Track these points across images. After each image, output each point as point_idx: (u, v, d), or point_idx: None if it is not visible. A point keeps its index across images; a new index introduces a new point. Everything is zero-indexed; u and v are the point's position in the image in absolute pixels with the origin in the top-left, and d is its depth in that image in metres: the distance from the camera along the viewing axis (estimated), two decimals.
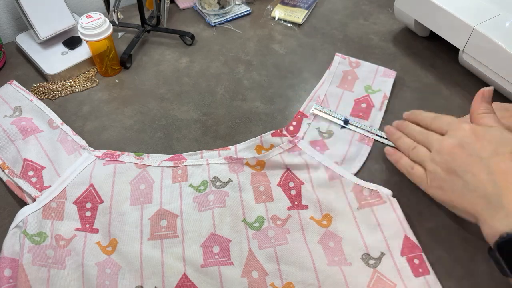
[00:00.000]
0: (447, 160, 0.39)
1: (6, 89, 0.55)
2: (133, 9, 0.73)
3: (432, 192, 0.41)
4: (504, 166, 0.36)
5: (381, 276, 0.40)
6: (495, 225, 0.35)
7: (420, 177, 0.42)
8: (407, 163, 0.44)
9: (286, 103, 0.58)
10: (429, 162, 0.41)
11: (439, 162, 0.40)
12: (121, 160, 0.48)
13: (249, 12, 0.73)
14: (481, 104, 0.41)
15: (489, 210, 0.36)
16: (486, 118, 0.40)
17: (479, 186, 0.37)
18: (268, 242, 0.42)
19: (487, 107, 0.41)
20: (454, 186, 0.38)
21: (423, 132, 0.44)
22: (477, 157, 0.37)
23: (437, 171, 0.40)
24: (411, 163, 0.44)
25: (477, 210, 0.37)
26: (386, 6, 0.74)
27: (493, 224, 0.35)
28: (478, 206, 0.37)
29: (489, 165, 0.37)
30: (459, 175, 0.38)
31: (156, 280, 0.39)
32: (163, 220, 0.44)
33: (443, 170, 0.39)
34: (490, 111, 0.41)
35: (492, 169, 0.36)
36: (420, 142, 0.44)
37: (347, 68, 0.60)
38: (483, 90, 0.42)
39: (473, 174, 0.37)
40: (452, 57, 0.62)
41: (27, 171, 0.46)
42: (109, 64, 0.60)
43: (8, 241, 0.41)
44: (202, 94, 0.59)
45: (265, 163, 0.48)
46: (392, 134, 0.48)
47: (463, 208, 0.38)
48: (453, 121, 0.42)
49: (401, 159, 0.45)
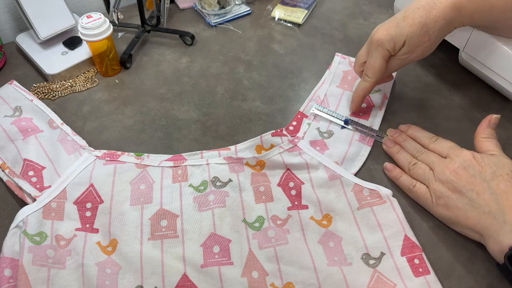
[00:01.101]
0: (452, 180, 0.42)
1: (6, 89, 0.55)
2: (133, 9, 0.73)
3: (437, 210, 0.44)
4: (503, 186, 0.40)
5: (381, 276, 0.40)
6: (502, 240, 0.38)
7: (424, 196, 0.45)
8: (408, 181, 0.47)
9: (286, 103, 0.58)
10: (434, 181, 0.44)
11: (445, 182, 0.43)
12: (121, 160, 0.48)
13: (249, 12, 0.73)
14: (485, 129, 0.45)
15: (494, 226, 0.39)
16: (487, 142, 0.44)
17: (483, 204, 0.40)
18: (268, 242, 0.42)
19: (491, 133, 0.45)
20: (460, 203, 0.41)
21: (423, 151, 0.48)
22: (480, 178, 0.41)
23: (442, 190, 0.43)
24: (412, 181, 0.46)
25: (482, 226, 0.40)
26: (386, 6, 0.74)
27: (500, 239, 0.38)
28: (483, 222, 0.40)
29: (491, 186, 0.40)
30: (464, 194, 0.41)
31: (156, 280, 0.39)
32: (163, 220, 0.44)
33: (449, 190, 0.42)
34: (492, 137, 0.45)
35: (494, 189, 0.40)
36: (421, 160, 0.47)
37: (347, 68, 0.60)
38: (490, 116, 0.46)
39: (477, 192, 0.40)
40: (452, 57, 0.62)
41: (27, 171, 0.46)
42: (109, 64, 0.60)
43: (8, 241, 0.41)
44: (202, 94, 0.59)
45: (265, 163, 0.48)
46: (391, 147, 0.50)
47: (469, 225, 0.41)
48: (454, 147, 0.46)
49: (401, 176, 0.47)
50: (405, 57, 0.48)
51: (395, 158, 0.50)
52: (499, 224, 0.38)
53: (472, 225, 0.41)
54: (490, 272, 0.41)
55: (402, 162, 0.48)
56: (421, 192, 0.45)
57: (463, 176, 0.42)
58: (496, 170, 0.41)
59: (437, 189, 0.43)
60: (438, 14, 0.45)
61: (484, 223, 0.40)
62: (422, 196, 0.45)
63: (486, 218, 0.39)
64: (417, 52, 0.48)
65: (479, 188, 0.41)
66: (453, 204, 0.42)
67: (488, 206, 0.40)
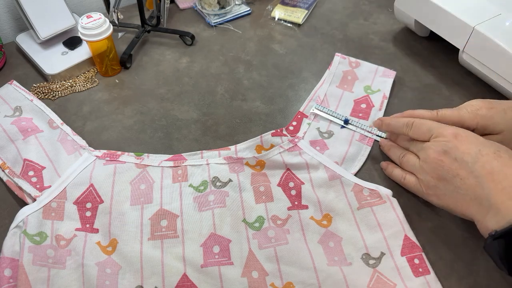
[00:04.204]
0: (435, 168, 0.40)
1: (6, 89, 0.55)
2: (133, 9, 0.73)
3: (430, 200, 0.43)
4: (489, 166, 0.37)
5: (381, 276, 0.40)
6: (487, 224, 0.37)
7: (415, 186, 0.44)
8: (399, 173, 0.46)
9: (286, 103, 0.58)
10: (420, 171, 0.43)
11: (428, 171, 0.41)
12: (121, 160, 0.48)
13: (249, 12, 0.73)
14: None
15: (481, 211, 0.37)
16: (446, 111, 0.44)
17: (468, 190, 0.38)
18: (268, 242, 0.42)
19: None
20: (447, 191, 0.40)
21: (407, 139, 0.46)
22: (463, 162, 0.39)
23: (429, 179, 0.42)
24: (403, 173, 0.46)
25: (471, 212, 0.39)
26: (386, 6, 0.74)
27: (485, 224, 0.37)
28: (471, 208, 0.38)
29: (475, 169, 0.38)
30: (449, 181, 0.40)
31: (156, 280, 0.39)
32: (163, 220, 0.44)
33: (434, 178, 0.41)
34: None
35: (478, 172, 0.37)
36: (411, 150, 0.46)
37: (347, 68, 0.60)
38: None
39: (461, 178, 0.39)
40: (452, 57, 0.62)
41: (27, 171, 0.46)
42: (109, 64, 0.60)
43: (8, 241, 0.41)
44: (202, 94, 0.59)
45: (265, 163, 0.48)
46: (384, 145, 0.50)
47: (460, 212, 0.40)
48: (433, 127, 0.42)
49: (393, 171, 0.47)
50: None
51: (388, 154, 0.50)
52: (485, 209, 0.37)
53: (462, 211, 0.40)
54: (490, 272, 0.41)
55: (394, 157, 0.48)
56: (412, 183, 0.44)
57: (445, 162, 0.40)
58: (482, 148, 0.38)
59: (424, 179, 0.42)
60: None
61: (472, 209, 0.38)
62: (413, 188, 0.44)
63: (473, 204, 0.38)
64: None
65: (463, 173, 0.38)
66: (442, 193, 0.41)
67: (473, 192, 0.38)
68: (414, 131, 0.44)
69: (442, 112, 0.45)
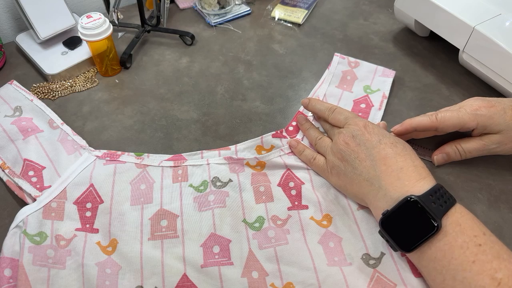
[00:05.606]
0: (341, 149, 0.44)
1: (6, 89, 0.55)
2: (133, 9, 0.73)
3: (332, 179, 0.46)
4: (384, 153, 0.41)
5: (381, 276, 0.40)
6: (378, 205, 0.40)
7: (322, 166, 0.47)
8: (310, 154, 0.48)
9: (286, 103, 0.58)
10: (329, 152, 0.46)
11: (336, 152, 0.45)
12: (121, 160, 0.48)
13: (249, 12, 0.73)
14: None
15: (372, 192, 0.40)
16: None
17: (364, 171, 0.41)
18: (268, 242, 0.42)
19: None
20: (346, 171, 0.43)
21: (327, 124, 0.50)
22: (364, 147, 0.42)
23: (333, 159, 0.45)
24: (314, 154, 0.48)
25: (363, 192, 0.42)
26: (386, 6, 0.74)
27: (376, 204, 0.40)
28: (364, 188, 0.41)
29: (372, 153, 0.42)
30: (349, 162, 0.43)
31: (156, 280, 0.39)
32: (163, 220, 0.44)
33: (338, 159, 0.44)
34: None
35: (374, 156, 0.41)
36: (329, 135, 0.49)
37: (346, 68, 0.60)
38: None
39: (360, 160, 0.42)
40: (452, 57, 0.62)
41: (27, 171, 0.46)
42: (109, 64, 0.60)
43: (8, 241, 0.41)
44: (202, 94, 0.59)
45: (265, 164, 0.48)
46: (302, 125, 0.52)
47: (353, 192, 0.43)
48: (351, 117, 0.47)
49: (304, 150, 0.49)
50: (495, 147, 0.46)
51: (305, 135, 0.52)
52: (376, 190, 0.40)
53: (356, 192, 0.43)
54: None
55: (310, 138, 0.50)
56: (319, 163, 0.47)
57: (350, 145, 0.43)
58: (382, 138, 0.42)
59: (330, 159, 0.45)
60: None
61: (364, 189, 0.41)
62: (319, 167, 0.47)
63: (366, 185, 0.41)
64: None
65: (362, 156, 0.42)
66: (342, 173, 0.43)
67: (367, 173, 0.41)
68: (333, 117, 0.48)
69: (441, 115, 0.46)
